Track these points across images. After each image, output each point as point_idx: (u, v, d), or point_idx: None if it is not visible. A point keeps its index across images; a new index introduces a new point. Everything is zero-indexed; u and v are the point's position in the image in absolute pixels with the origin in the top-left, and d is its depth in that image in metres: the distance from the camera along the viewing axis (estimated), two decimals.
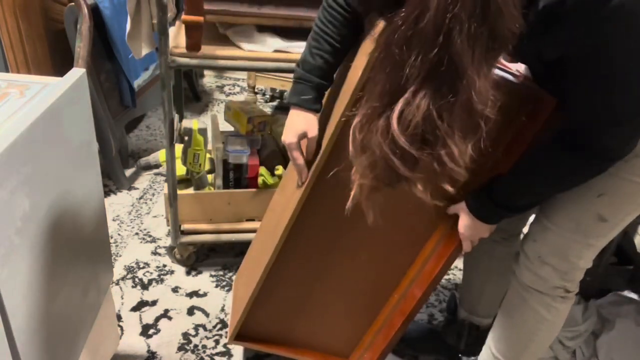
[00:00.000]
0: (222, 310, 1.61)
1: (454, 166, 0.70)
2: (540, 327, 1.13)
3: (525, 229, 1.19)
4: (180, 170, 1.71)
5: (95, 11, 1.83)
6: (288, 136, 1.06)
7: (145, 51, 1.57)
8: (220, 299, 1.65)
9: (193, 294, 1.67)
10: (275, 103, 3.01)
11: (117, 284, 1.67)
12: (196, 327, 1.55)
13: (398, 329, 1.23)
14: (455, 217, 1.08)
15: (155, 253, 1.82)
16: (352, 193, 0.81)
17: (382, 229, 1.13)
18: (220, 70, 3.23)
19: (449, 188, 0.74)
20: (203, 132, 1.59)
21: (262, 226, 1.43)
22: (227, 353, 1.47)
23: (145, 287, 1.68)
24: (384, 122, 0.70)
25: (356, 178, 0.80)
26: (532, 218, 1.17)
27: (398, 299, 1.23)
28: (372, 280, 1.24)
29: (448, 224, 1.11)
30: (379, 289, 1.25)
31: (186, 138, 1.59)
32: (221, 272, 1.76)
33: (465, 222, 1.05)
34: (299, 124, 1.05)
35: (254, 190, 1.70)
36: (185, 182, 1.78)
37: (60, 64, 2.00)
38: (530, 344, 1.16)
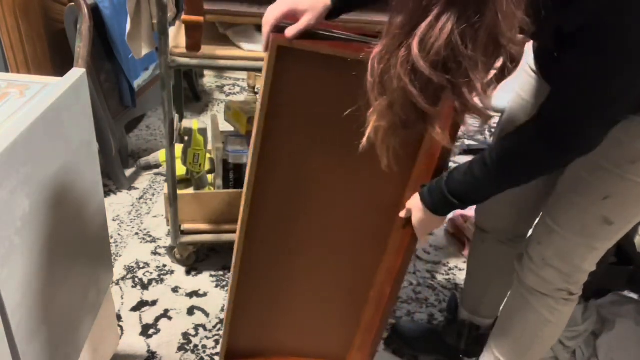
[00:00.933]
0: (222, 310, 1.61)
1: (475, 103, 0.67)
2: (543, 329, 1.13)
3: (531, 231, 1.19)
4: (180, 170, 1.71)
5: (95, 11, 1.83)
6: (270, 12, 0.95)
7: (145, 51, 1.57)
8: (220, 299, 1.65)
9: (193, 294, 1.67)
10: None
11: (117, 284, 1.67)
12: (196, 327, 1.55)
13: (378, 327, 1.23)
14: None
15: (155, 253, 1.82)
16: (367, 134, 0.79)
17: (342, 229, 1.14)
18: (220, 70, 3.22)
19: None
20: (203, 132, 1.59)
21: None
22: None
23: (145, 287, 1.68)
24: (404, 52, 0.67)
25: (372, 119, 0.77)
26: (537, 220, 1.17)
27: (374, 297, 1.24)
28: (347, 281, 1.24)
29: (402, 217, 1.12)
30: (357, 288, 1.25)
31: (186, 138, 1.59)
32: (221, 272, 1.76)
33: (418, 216, 1.03)
34: (299, 1, 0.93)
35: None
36: (185, 182, 1.78)
37: (60, 64, 2.00)
38: (533, 345, 1.16)
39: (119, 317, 1.55)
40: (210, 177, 1.77)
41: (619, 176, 0.92)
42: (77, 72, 0.98)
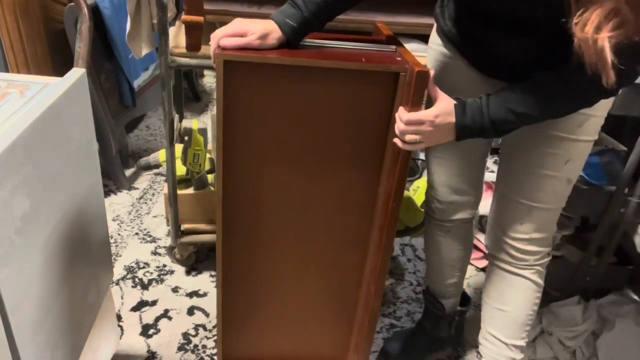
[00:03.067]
0: None
1: None
2: (537, 295, 1.24)
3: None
4: (180, 170, 1.71)
5: (95, 11, 1.83)
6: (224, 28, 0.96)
7: (145, 51, 1.57)
8: None
9: (193, 294, 1.67)
10: None
11: (117, 284, 1.67)
12: (196, 327, 1.55)
13: (368, 327, 1.24)
14: (385, 206, 1.08)
15: (155, 253, 1.82)
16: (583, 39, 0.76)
17: (320, 232, 1.15)
18: None
19: None
20: (203, 132, 1.59)
21: None
22: None
23: (145, 287, 1.68)
24: None
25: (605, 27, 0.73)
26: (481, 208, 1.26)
27: (362, 296, 1.25)
28: (334, 283, 1.24)
29: (379, 216, 1.12)
30: (345, 289, 1.25)
31: (186, 138, 1.59)
32: None
33: (442, 122, 0.96)
34: (252, 25, 0.95)
35: None
36: (185, 182, 1.78)
37: (60, 64, 2.01)
38: (533, 312, 1.25)
39: (119, 317, 1.55)
40: (210, 177, 1.77)
41: (573, 140, 1.04)
42: (77, 72, 0.98)
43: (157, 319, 1.57)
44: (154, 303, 1.62)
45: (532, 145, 1.08)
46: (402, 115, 0.96)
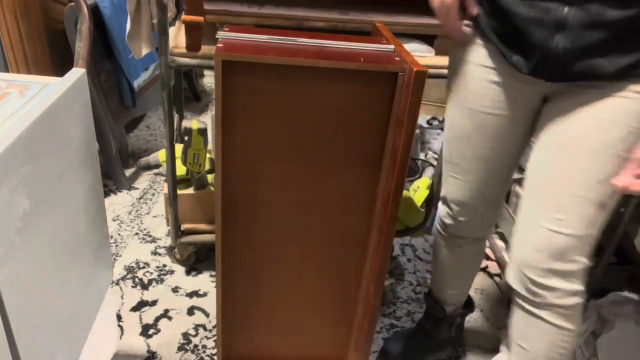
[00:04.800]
0: None
1: None
2: (564, 338, 1.04)
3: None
4: (180, 170, 1.71)
5: (95, 11, 1.83)
6: None
7: (145, 51, 1.57)
8: None
9: (193, 294, 1.67)
10: None
11: (117, 284, 1.67)
12: (196, 327, 1.55)
13: (368, 327, 1.24)
14: (384, 206, 1.07)
15: (155, 253, 1.82)
16: None
17: (319, 233, 1.15)
18: None
19: None
20: (203, 132, 1.59)
21: None
22: None
23: (145, 287, 1.68)
24: None
25: None
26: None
27: (362, 296, 1.25)
28: (334, 283, 1.24)
29: (378, 216, 1.12)
30: (345, 289, 1.25)
31: (186, 138, 1.59)
32: None
33: None
34: None
35: None
36: (185, 182, 1.78)
37: (60, 64, 2.01)
38: (558, 356, 1.06)
39: (119, 317, 1.55)
40: (210, 177, 1.77)
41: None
42: (77, 72, 0.98)
43: (157, 319, 1.57)
44: (154, 303, 1.62)
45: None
46: None
